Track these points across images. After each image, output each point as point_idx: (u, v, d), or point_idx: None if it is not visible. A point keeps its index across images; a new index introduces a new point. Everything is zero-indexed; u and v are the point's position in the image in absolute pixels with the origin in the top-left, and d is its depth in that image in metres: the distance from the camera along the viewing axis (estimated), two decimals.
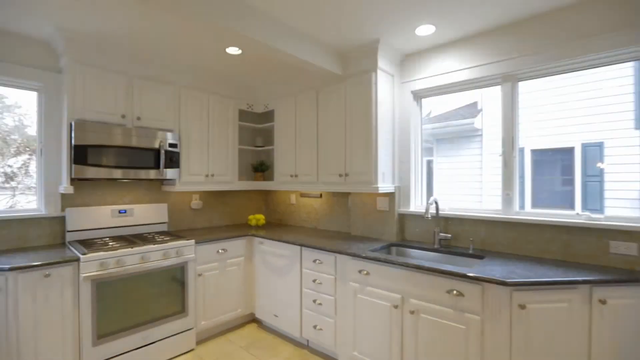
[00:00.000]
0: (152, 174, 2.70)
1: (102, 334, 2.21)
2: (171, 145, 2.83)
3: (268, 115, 3.77)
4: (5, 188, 2.56)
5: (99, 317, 2.19)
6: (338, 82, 2.83)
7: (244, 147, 3.59)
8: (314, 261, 2.57)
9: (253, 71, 3.17)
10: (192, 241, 2.69)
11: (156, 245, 2.47)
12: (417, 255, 2.52)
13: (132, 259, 2.34)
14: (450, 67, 2.53)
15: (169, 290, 2.54)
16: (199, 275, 2.75)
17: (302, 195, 3.62)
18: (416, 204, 2.79)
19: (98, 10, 2.07)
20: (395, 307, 2.07)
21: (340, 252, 2.37)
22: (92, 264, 2.16)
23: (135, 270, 2.34)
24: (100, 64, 2.50)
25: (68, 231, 2.53)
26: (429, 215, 2.33)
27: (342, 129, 2.80)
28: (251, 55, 2.78)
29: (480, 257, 2.19)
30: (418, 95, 2.79)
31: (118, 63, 2.59)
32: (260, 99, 3.67)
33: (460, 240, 2.48)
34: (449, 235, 2.46)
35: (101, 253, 2.21)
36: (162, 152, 2.73)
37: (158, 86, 2.81)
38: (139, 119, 2.68)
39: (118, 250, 2.29)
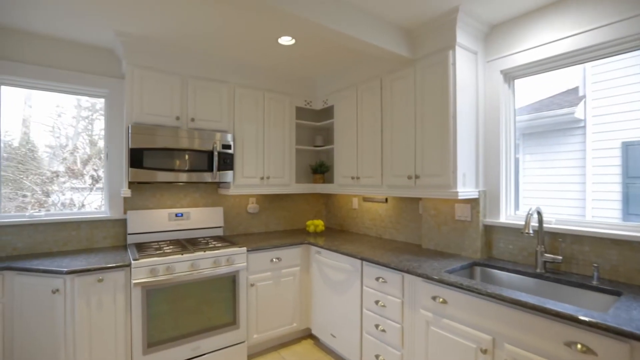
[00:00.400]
0: (205, 176, 2.60)
1: (152, 343, 2.13)
2: (225, 146, 2.70)
3: (327, 112, 3.47)
4: (96, 189, 2.71)
5: (149, 325, 2.12)
6: (406, 67, 2.39)
7: (302, 147, 3.35)
8: (377, 279, 2.17)
9: (309, 63, 2.91)
10: (244, 249, 2.51)
11: (206, 253, 2.34)
12: (512, 282, 1.95)
13: (182, 266, 2.24)
14: (557, 34, 1.90)
15: (220, 300, 2.40)
16: (252, 285, 2.56)
17: (366, 199, 3.24)
18: (508, 214, 2.20)
19: (152, 11, 2.00)
20: (484, 351, 1.56)
21: (408, 272, 1.94)
22: (142, 270, 2.10)
23: (185, 278, 2.23)
24: (156, 66, 2.47)
25: (129, 234, 2.56)
26: (531, 231, 1.75)
27: (411, 122, 2.35)
28: (305, 43, 2.50)
29: (616, 294, 1.55)
30: (510, 76, 2.20)
31: (172, 64, 2.54)
32: (318, 94, 3.39)
33: (577, 265, 1.83)
34: (559, 258, 1.83)
35: (151, 259, 2.14)
36: (216, 153, 2.61)
37: (211, 85, 2.71)
38: (193, 120, 2.61)
39: (167, 257, 2.20)
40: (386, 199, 3.01)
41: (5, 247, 2.25)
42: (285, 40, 2.44)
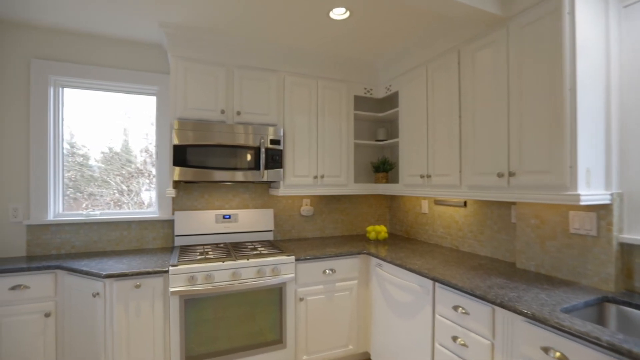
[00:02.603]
0: (252, 175, 2.36)
1: (191, 357, 1.94)
2: (273, 141, 2.43)
3: (391, 100, 3.00)
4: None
5: (187, 337, 1.94)
6: (494, 29, 1.82)
7: (361, 141, 2.93)
8: (456, 308, 1.66)
9: (367, 42, 2.48)
10: (292, 258, 2.20)
11: (249, 261, 2.08)
12: None
13: (222, 274, 2.01)
14: None
15: (265, 315, 2.12)
16: (301, 299, 2.24)
17: (438, 202, 2.69)
18: None
19: None
20: None
21: (503, 306, 1.40)
22: (180, 278, 1.92)
23: (226, 288, 1.99)
24: (200, 57, 2.31)
25: (176, 235, 2.45)
26: None
27: (502, 102, 1.77)
28: (362, 15, 2.09)
29: None
30: None
31: (217, 54, 2.35)
32: (380, 80, 2.94)
33: None
34: None
35: (189, 266, 1.95)
36: (262, 150, 2.36)
37: (258, 75, 2.46)
38: (238, 113, 2.39)
39: (207, 264, 1.99)
40: (464, 203, 2.43)
41: (64, 244, 2.30)
42: (338, 14, 2.06)
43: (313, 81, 2.65)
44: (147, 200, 2.60)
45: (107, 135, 2.50)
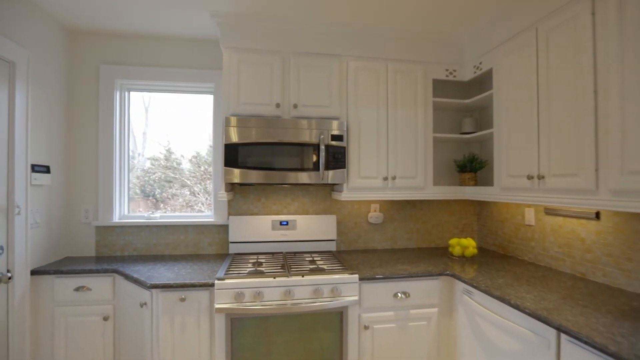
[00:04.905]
0: (308, 177, 2.05)
1: None
2: (335, 137, 2.09)
3: (482, 82, 2.41)
4: None
5: None
6: None
7: (442, 135, 2.41)
8: None
9: (449, 7, 1.97)
10: (355, 276, 1.82)
11: (304, 278, 1.77)
12: None
13: (273, 292, 1.73)
14: None
15: (323, 343, 1.78)
16: (366, 327, 1.84)
17: (549, 211, 2.02)
18: None
19: None
20: None
21: None
22: (225, 294, 1.69)
23: (277, 310, 1.70)
24: (253, 46, 2.08)
25: (230, 242, 2.27)
26: None
27: None
28: None
29: None
30: None
31: (271, 41, 2.10)
32: (466, 58, 2.37)
33: None
34: None
35: (236, 281, 1.71)
36: (322, 147, 2.02)
37: (317, 61, 2.15)
38: (295, 107, 2.10)
39: (256, 279, 1.73)
40: (597, 214, 1.75)
41: (127, 246, 2.30)
42: None
43: (382, 65, 2.23)
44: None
45: (194, 139, 2.51)
